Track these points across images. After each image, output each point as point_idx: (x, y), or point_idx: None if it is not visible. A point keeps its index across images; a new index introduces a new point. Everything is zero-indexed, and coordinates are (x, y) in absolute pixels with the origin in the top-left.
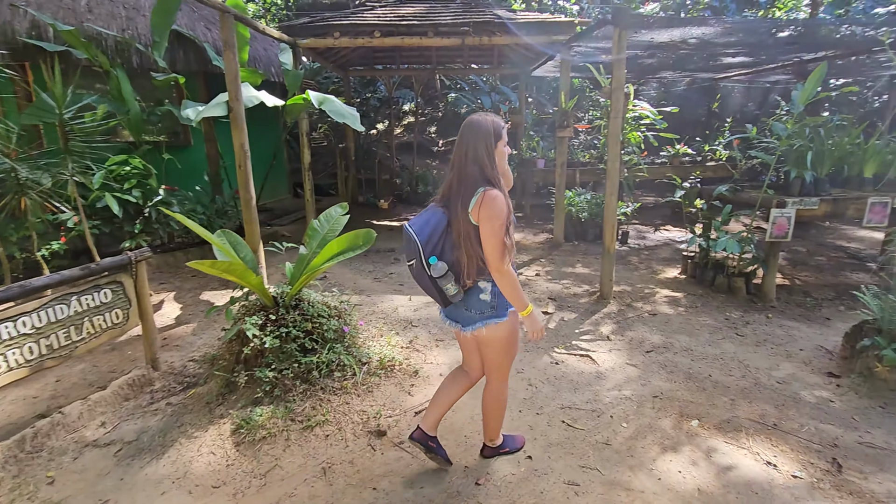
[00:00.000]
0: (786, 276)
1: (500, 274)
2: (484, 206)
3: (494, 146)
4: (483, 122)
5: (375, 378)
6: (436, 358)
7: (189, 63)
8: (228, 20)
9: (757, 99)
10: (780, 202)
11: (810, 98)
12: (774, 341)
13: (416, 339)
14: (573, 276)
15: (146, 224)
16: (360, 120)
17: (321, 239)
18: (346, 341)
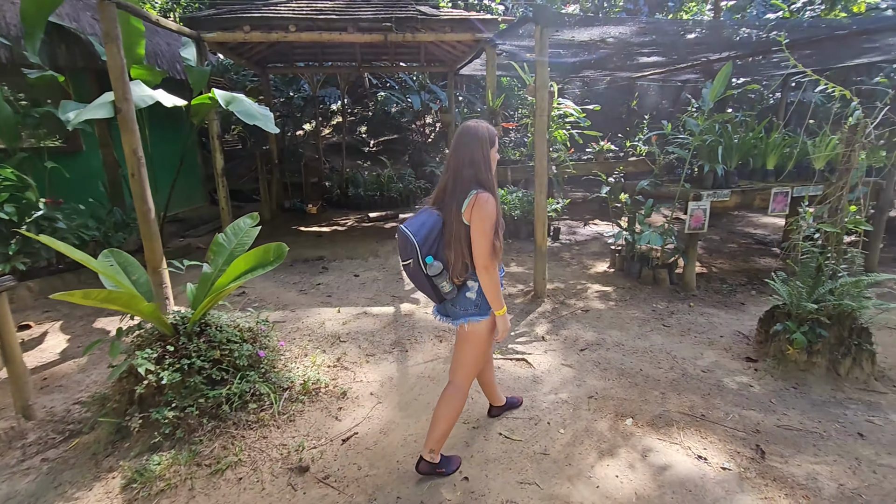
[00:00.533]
0: (704, 264)
1: (487, 272)
2: (476, 207)
3: (490, 151)
4: (479, 128)
5: (298, 405)
6: (366, 375)
7: (74, 59)
8: (108, 9)
9: (671, 97)
10: (696, 195)
11: (719, 95)
12: (697, 330)
13: (345, 355)
14: (508, 276)
15: (24, 244)
16: (285, 120)
17: (228, 254)
18: (263, 367)
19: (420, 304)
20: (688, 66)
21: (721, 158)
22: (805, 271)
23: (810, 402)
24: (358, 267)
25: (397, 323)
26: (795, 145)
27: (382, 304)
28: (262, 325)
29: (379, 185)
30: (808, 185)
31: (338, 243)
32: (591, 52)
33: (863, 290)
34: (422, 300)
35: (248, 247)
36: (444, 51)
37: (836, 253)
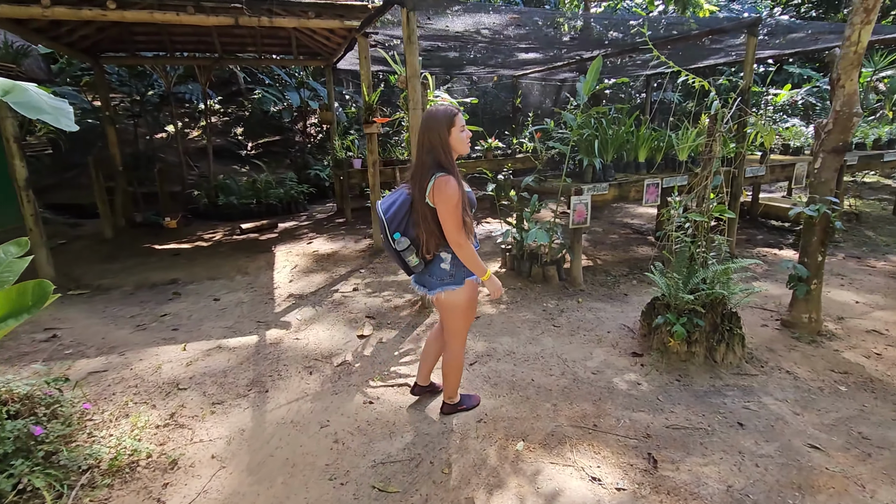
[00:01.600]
0: (589, 257)
1: (460, 247)
2: (437, 191)
3: (448, 134)
4: (436, 113)
5: (102, 491)
6: (208, 431)
7: None
8: None
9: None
10: (578, 190)
11: (592, 89)
12: (586, 327)
13: (183, 408)
14: (395, 285)
15: None
16: (137, 121)
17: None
18: (43, 448)
19: (290, 329)
20: (564, 65)
21: (598, 152)
22: (679, 261)
23: (693, 394)
24: (220, 289)
25: (259, 356)
26: (662, 139)
27: (243, 334)
28: (52, 387)
29: (255, 191)
30: (676, 176)
31: (198, 262)
32: (470, 45)
33: (730, 276)
34: (294, 324)
35: (12, 283)
36: (319, 42)
37: (705, 241)
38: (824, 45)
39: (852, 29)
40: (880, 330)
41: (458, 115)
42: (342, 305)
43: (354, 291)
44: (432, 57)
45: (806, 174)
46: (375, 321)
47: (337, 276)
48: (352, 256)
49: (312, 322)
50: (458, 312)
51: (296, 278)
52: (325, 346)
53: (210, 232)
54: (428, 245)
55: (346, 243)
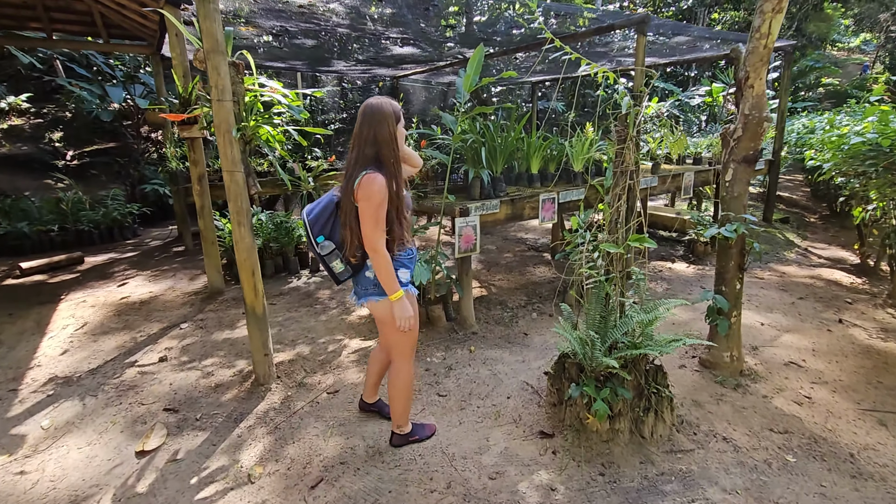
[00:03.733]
0: (482, 283)
1: (374, 253)
2: (361, 188)
3: (396, 128)
4: (384, 105)
5: None
6: None
7: None
8: None
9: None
10: (463, 209)
11: (474, 84)
12: (480, 391)
13: None
14: (227, 345)
15: None
16: None
17: None
18: None
19: (18, 452)
20: (447, 65)
21: (486, 162)
22: (592, 307)
23: (625, 495)
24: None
25: None
26: (556, 147)
27: None
28: None
29: (60, 215)
30: (573, 189)
31: None
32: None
33: (655, 325)
34: (31, 439)
35: None
36: (133, 21)
37: (621, 278)
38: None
39: (762, 18)
40: (797, 362)
41: (400, 110)
42: (132, 391)
43: (161, 363)
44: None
45: (692, 184)
46: (178, 417)
47: (143, 336)
48: (176, 303)
49: (67, 431)
50: (391, 324)
51: (75, 346)
52: (71, 480)
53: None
54: (351, 247)
55: (174, 283)
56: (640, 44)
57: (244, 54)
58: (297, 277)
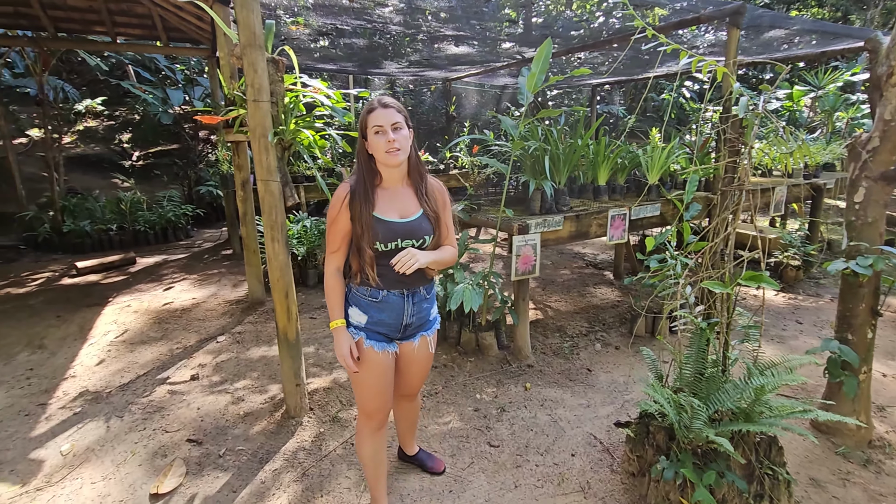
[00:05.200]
0: (537, 304)
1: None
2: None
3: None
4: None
5: None
6: None
7: None
8: None
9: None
10: (522, 227)
11: (540, 84)
12: (539, 445)
13: None
14: (262, 365)
15: None
16: None
17: None
18: None
19: (31, 484)
20: (504, 66)
21: (549, 173)
22: (691, 361)
23: None
24: None
25: None
26: (627, 156)
27: None
28: None
29: (119, 214)
30: (646, 205)
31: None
32: (377, 27)
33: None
34: (47, 468)
35: None
36: (191, 24)
37: (727, 325)
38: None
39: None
40: None
41: (371, 112)
42: (159, 413)
43: (192, 381)
44: (338, 49)
45: (784, 200)
46: (200, 451)
47: (179, 349)
48: (216, 313)
49: (86, 460)
50: (345, 365)
51: (111, 356)
52: None
53: (35, 273)
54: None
55: (218, 289)
56: (733, 38)
57: (286, 50)
58: None
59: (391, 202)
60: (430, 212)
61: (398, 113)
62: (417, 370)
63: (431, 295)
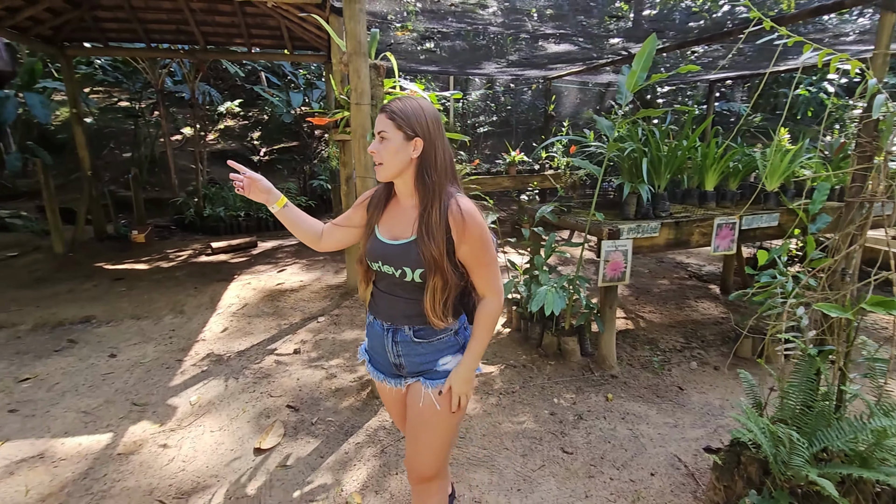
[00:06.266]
0: (628, 313)
1: None
2: None
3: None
4: None
5: None
6: None
7: None
8: None
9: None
10: (613, 231)
11: (641, 83)
12: (616, 458)
13: None
14: (353, 347)
15: None
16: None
17: None
18: None
19: (166, 425)
20: (608, 63)
21: (646, 176)
22: (796, 390)
23: None
24: (133, 336)
25: (87, 480)
26: (741, 159)
27: (95, 429)
28: None
29: (246, 203)
30: (761, 214)
31: (134, 293)
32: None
33: None
34: (179, 413)
35: None
36: (312, 33)
37: (846, 353)
38: None
39: None
40: None
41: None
42: (266, 380)
43: (294, 354)
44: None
45: None
46: (297, 417)
47: (286, 325)
48: (319, 295)
49: (207, 411)
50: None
51: (233, 326)
52: (198, 465)
53: (181, 249)
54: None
55: (322, 274)
56: (886, 24)
57: (387, 56)
58: None
59: (393, 219)
60: (428, 241)
61: (388, 120)
62: (413, 428)
63: (436, 342)
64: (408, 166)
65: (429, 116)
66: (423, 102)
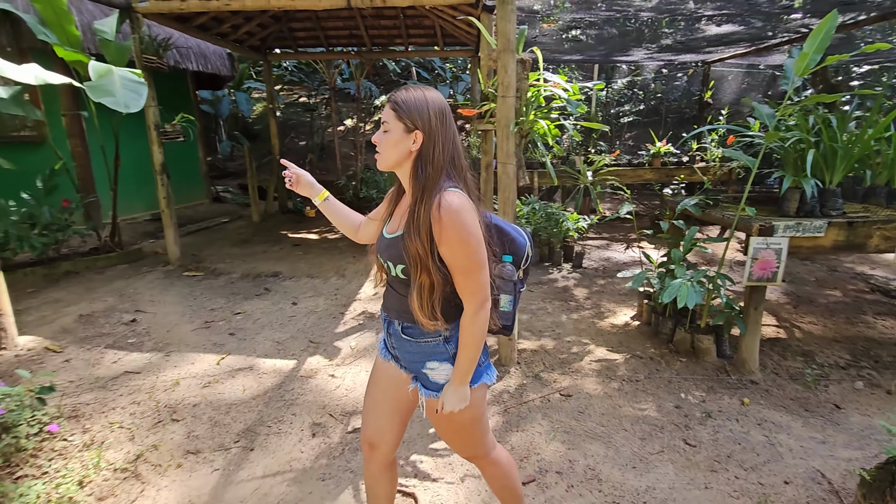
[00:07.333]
0: (782, 321)
1: None
2: None
3: None
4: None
5: None
6: (157, 495)
7: (18, 38)
8: None
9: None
10: (765, 227)
11: (813, 65)
12: (744, 460)
13: (157, 449)
14: None
15: None
16: (313, 115)
17: None
18: None
19: (333, 361)
20: (781, 43)
21: (812, 169)
22: None
23: None
24: (307, 291)
25: (280, 391)
26: None
27: (285, 355)
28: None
29: None
30: None
31: (308, 256)
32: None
33: None
34: (342, 353)
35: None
36: (462, 30)
37: None
38: None
39: None
40: None
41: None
42: None
43: None
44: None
45: None
46: None
47: None
48: None
49: (362, 355)
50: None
51: (380, 289)
52: (355, 395)
53: None
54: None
55: None
56: None
57: (534, 51)
58: (559, 270)
59: (398, 213)
60: (413, 237)
61: (391, 110)
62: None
63: (423, 343)
64: (406, 158)
65: (432, 110)
66: (429, 94)
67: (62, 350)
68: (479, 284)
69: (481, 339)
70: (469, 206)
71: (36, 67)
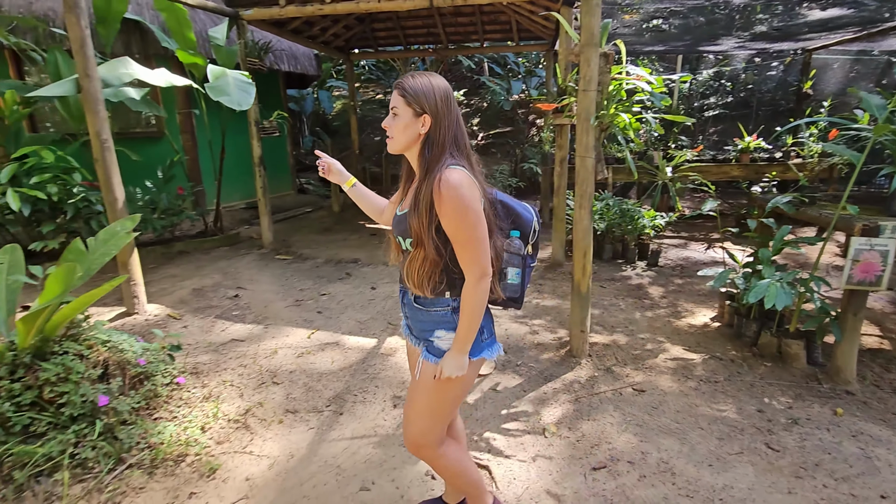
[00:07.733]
0: (886, 331)
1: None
2: None
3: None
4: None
5: (140, 477)
6: (264, 444)
7: (146, 47)
8: None
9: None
10: (869, 227)
11: None
12: (834, 470)
13: (260, 407)
14: (554, 312)
15: (66, 223)
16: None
17: (87, 267)
18: (110, 418)
19: None
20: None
21: None
22: None
23: None
24: (384, 277)
25: (363, 365)
26: None
27: (366, 334)
28: (154, 353)
29: None
30: None
31: (383, 245)
32: None
33: None
34: None
35: (114, 255)
36: (538, 24)
37: None
38: None
39: None
40: None
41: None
42: None
43: (505, 311)
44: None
45: None
46: (504, 358)
47: None
48: None
49: None
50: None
51: None
52: None
53: None
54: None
55: None
56: None
57: (617, 44)
58: (633, 267)
59: (411, 192)
60: (414, 212)
61: (400, 96)
62: (410, 392)
63: (433, 313)
64: (415, 141)
65: (438, 94)
66: (434, 80)
67: (181, 318)
68: (478, 256)
69: (481, 309)
70: (468, 181)
71: (165, 72)
